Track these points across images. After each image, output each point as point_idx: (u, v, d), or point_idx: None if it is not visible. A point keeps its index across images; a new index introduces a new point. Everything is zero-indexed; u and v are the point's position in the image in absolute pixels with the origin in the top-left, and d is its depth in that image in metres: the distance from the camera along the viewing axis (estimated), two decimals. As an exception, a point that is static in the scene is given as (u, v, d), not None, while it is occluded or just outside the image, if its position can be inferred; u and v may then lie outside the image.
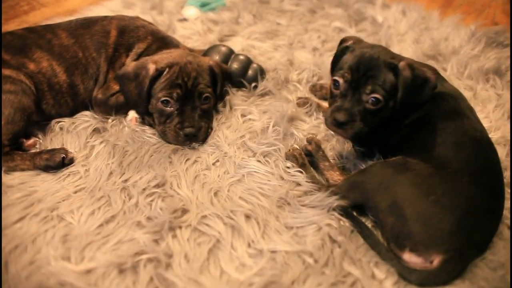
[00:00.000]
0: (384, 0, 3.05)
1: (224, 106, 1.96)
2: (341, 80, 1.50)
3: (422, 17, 2.84)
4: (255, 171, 1.62)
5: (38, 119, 1.80)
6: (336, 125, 1.50)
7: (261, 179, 1.60)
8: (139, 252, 1.32)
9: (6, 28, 2.60)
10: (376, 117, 1.52)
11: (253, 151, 1.72)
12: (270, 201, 1.51)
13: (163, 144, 1.75)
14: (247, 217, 1.45)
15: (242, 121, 1.88)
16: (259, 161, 1.67)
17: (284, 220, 1.45)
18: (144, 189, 1.54)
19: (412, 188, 1.33)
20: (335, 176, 1.60)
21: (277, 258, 1.32)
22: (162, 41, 1.94)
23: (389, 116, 1.54)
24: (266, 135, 1.78)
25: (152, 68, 1.70)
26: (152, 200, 1.50)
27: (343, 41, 1.64)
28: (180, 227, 1.41)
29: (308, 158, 1.67)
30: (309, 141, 1.71)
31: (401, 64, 1.47)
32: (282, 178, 1.60)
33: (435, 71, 1.68)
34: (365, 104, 1.48)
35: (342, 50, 1.59)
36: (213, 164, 1.67)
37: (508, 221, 1.45)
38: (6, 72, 1.64)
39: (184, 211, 1.48)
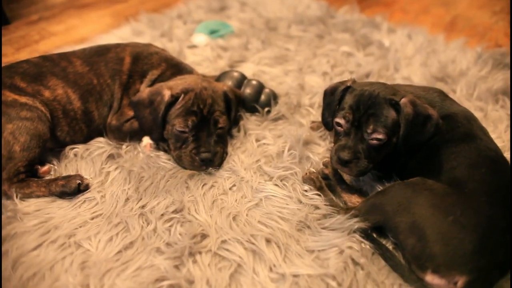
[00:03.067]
0: (389, 25, 3.10)
1: (239, 131, 1.96)
2: (343, 121, 1.53)
3: (427, 40, 2.88)
4: (272, 195, 1.61)
5: (52, 146, 1.80)
6: (341, 163, 1.52)
7: (279, 202, 1.58)
8: (160, 279, 1.30)
9: (18, 57, 2.64)
10: (380, 153, 1.54)
11: (270, 175, 1.71)
12: (290, 225, 1.49)
13: (178, 170, 1.74)
14: (268, 241, 1.43)
15: (256, 146, 1.88)
16: (276, 185, 1.66)
17: (305, 244, 1.43)
18: (162, 215, 1.53)
19: (431, 208, 1.32)
20: (353, 199, 1.59)
21: (300, 282, 1.30)
22: (176, 68, 1.96)
23: (393, 151, 1.56)
24: (281, 159, 1.78)
25: (167, 94, 1.70)
26: (170, 226, 1.49)
27: (341, 84, 1.63)
28: (200, 253, 1.40)
29: (325, 181, 1.67)
30: (326, 165, 1.71)
31: (403, 100, 1.48)
32: (301, 202, 1.59)
33: (442, 93, 1.69)
34: (368, 141, 1.50)
35: (342, 91, 1.59)
36: (230, 188, 1.66)
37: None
38: (22, 99, 1.65)
39: (204, 236, 1.46)
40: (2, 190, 1.57)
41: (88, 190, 1.64)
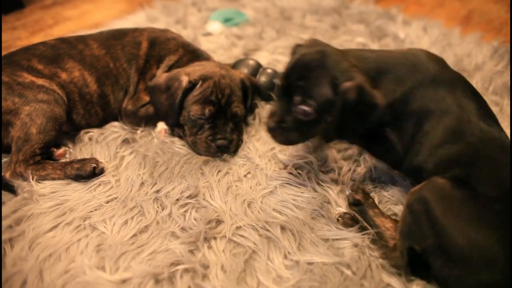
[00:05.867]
0: (404, 17, 3.08)
1: (254, 118, 1.96)
2: (278, 84, 1.41)
3: (443, 33, 2.85)
4: (287, 183, 1.61)
5: (68, 130, 1.81)
6: (268, 130, 1.45)
7: (294, 191, 1.58)
8: (175, 263, 1.30)
9: (32, 41, 2.62)
10: (312, 128, 1.40)
11: (285, 163, 1.71)
12: (305, 213, 1.49)
13: (193, 156, 1.75)
14: (282, 228, 1.43)
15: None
16: (291, 173, 1.66)
17: (320, 232, 1.43)
18: (177, 200, 1.53)
19: (452, 222, 1.17)
20: (387, 224, 1.46)
21: (314, 270, 1.30)
22: (193, 54, 1.95)
23: (329, 130, 1.39)
24: (296, 147, 1.77)
25: (185, 80, 1.70)
26: (185, 211, 1.49)
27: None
28: (215, 238, 1.40)
29: (356, 208, 1.53)
30: (356, 190, 1.56)
31: (347, 84, 1.27)
32: (315, 191, 1.59)
33: (427, 56, 1.47)
34: (295, 114, 1.36)
35: (294, 50, 1.46)
36: (245, 176, 1.66)
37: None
38: (39, 81, 1.65)
39: (218, 222, 1.46)
40: (18, 171, 1.57)
41: (103, 174, 1.64)
